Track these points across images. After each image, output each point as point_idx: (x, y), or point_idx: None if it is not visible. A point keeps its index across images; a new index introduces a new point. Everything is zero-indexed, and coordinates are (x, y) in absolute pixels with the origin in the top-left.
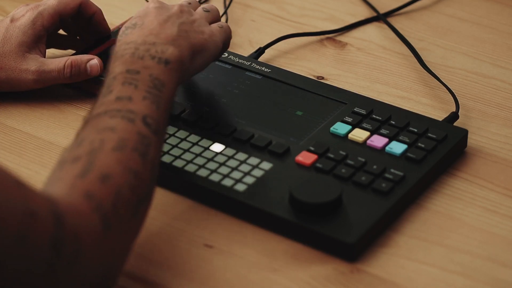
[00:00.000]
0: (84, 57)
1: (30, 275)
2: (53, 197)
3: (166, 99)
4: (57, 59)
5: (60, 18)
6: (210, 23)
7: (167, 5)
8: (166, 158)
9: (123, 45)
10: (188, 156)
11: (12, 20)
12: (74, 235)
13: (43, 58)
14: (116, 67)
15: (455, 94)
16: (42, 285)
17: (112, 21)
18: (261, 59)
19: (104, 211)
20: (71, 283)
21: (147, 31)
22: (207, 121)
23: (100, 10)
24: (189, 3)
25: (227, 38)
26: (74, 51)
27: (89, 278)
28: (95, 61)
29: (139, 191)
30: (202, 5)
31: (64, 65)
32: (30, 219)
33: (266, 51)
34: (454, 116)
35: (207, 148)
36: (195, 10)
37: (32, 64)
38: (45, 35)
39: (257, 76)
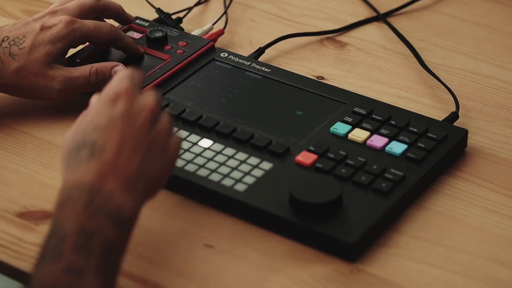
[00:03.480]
0: (108, 64)
1: None
2: None
3: (117, 268)
4: (82, 66)
5: (87, 41)
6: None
7: (136, 110)
8: None
9: (76, 189)
10: (188, 156)
11: (42, 28)
12: None
13: (67, 67)
14: (68, 221)
15: (455, 94)
16: None
17: (112, 21)
18: (261, 59)
19: None
20: None
21: (105, 168)
22: (207, 121)
23: (131, 41)
24: (157, 102)
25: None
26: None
27: None
28: (119, 67)
29: None
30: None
31: (90, 72)
32: None
33: (266, 51)
34: (454, 116)
35: (207, 148)
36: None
37: (58, 73)
38: (69, 50)
39: (257, 76)
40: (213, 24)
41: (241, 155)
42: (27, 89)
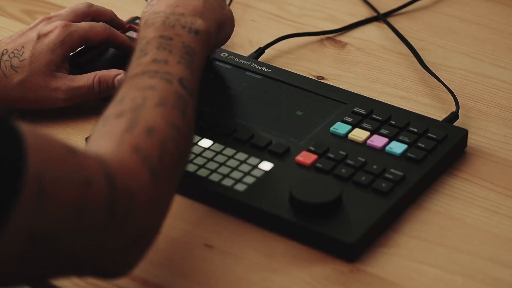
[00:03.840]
0: (111, 72)
1: (85, 242)
2: (102, 157)
3: (197, 66)
4: (85, 75)
5: (85, 43)
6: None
7: None
8: None
9: (152, 15)
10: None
11: (39, 37)
12: (126, 192)
13: (70, 76)
14: (149, 33)
15: (455, 94)
16: (96, 248)
17: None
18: (261, 59)
19: (152, 163)
20: (123, 237)
21: (174, 2)
22: (207, 121)
23: (126, 38)
24: None
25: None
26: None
27: (139, 230)
28: (123, 76)
29: (180, 144)
30: None
31: (93, 81)
32: (86, 189)
33: (266, 51)
34: (454, 116)
35: (207, 148)
36: None
37: (62, 83)
38: (69, 55)
39: (257, 76)
40: None
41: (241, 155)
42: (31, 101)
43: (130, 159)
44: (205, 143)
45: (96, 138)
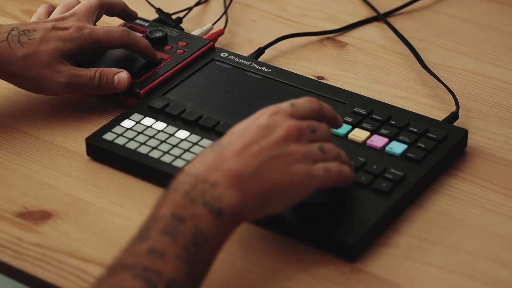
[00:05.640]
0: (113, 69)
1: None
2: None
3: (204, 259)
4: (88, 68)
5: (99, 47)
6: (325, 159)
7: (279, 122)
8: (166, 158)
9: (185, 177)
10: (188, 156)
11: (54, 27)
12: None
13: (74, 66)
14: (163, 206)
15: (455, 94)
16: None
17: (114, 23)
18: (261, 59)
19: None
20: None
21: (215, 162)
22: (207, 121)
23: (148, 45)
24: (314, 127)
25: (329, 183)
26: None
27: None
28: (123, 74)
29: None
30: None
31: (95, 73)
32: None
33: (266, 51)
34: (454, 116)
35: None
36: (317, 133)
37: (65, 68)
38: (78, 54)
39: (257, 76)
40: (213, 24)
41: None
42: (32, 80)
43: None
44: (205, 143)
45: None
